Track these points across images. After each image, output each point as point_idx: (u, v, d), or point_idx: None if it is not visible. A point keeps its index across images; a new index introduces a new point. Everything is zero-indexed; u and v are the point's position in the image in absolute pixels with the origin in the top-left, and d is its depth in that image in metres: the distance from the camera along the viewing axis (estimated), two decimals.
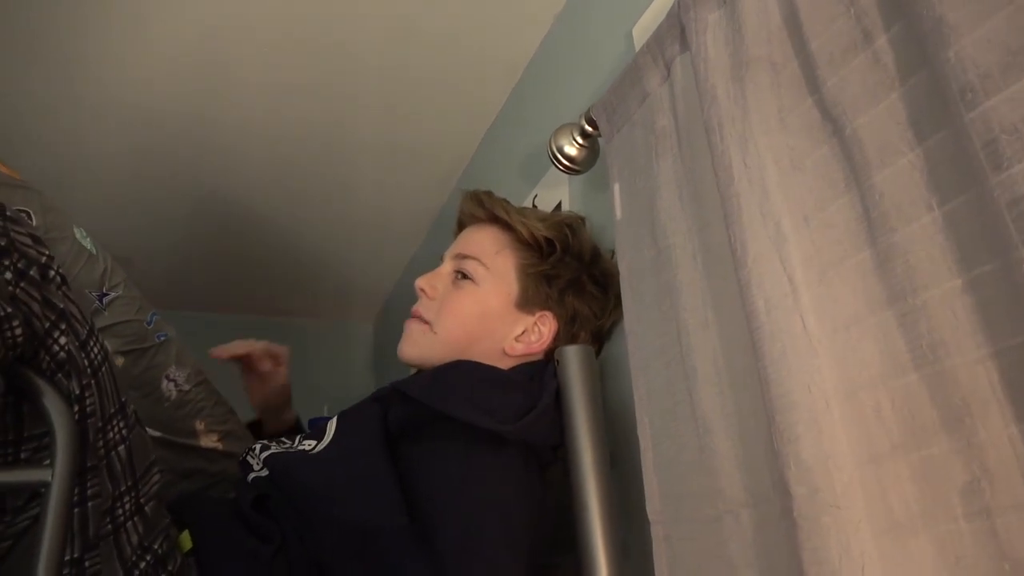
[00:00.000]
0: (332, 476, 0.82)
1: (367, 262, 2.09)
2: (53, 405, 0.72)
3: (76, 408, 0.72)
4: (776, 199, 0.61)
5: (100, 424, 0.79)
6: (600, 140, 0.96)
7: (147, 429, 1.06)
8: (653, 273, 0.79)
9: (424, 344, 0.97)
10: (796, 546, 0.54)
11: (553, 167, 1.21)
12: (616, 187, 0.87)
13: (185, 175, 1.60)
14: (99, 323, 1.03)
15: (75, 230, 1.02)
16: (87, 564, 0.80)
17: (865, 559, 0.51)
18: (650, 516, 0.76)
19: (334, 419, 0.97)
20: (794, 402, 0.55)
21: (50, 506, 0.68)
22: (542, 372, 0.92)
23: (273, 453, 0.93)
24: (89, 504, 0.76)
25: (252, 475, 0.93)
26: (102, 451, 0.79)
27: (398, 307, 2.29)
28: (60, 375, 0.76)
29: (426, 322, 0.97)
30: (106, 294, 1.05)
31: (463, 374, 0.88)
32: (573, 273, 0.96)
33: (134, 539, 0.79)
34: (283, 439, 0.98)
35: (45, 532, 0.67)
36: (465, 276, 0.98)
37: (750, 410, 0.65)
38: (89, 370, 0.78)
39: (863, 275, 0.56)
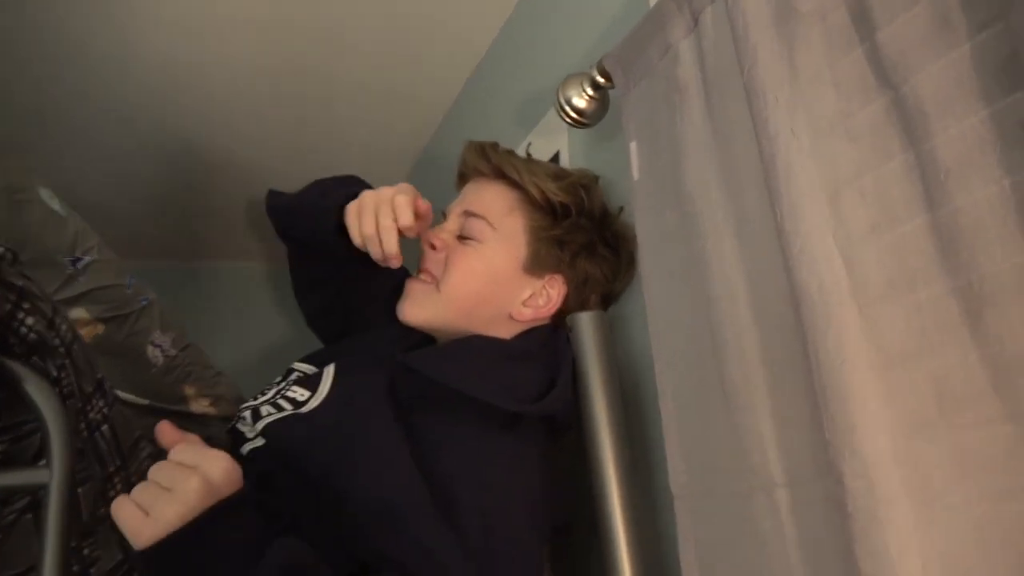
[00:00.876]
0: (345, 450, 0.79)
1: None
2: (39, 393, 0.67)
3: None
4: (829, 171, 0.57)
5: (80, 405, 0.74)
6: (612, 93, 0.90)
7: (135, 397, 1.02)
8: (677, 239, 0.75)
9: (428, 304, 0.93)
10: (849, 537, 0.52)
11: (554, 115, 1.16)
12: (633, 145, 0.83)
13: (161, 121, 1.50)
14: (75, 290, 0.97)
15: (40, 191, 0.94)
16: (85, 552, 0.77)
17: (924, 556, 0.49)
18: (674, 490, 0.74)
19: (330, 370, 0.93)
20: (851, 393, 0.53)
21: (51, 510, 0.64)
22: (554, 340, 0.89)
23: (270, 423, 0.89)
24: (79, 489, 0.72)
25: (248, 447, 0.89)
26: (85, 433, 0.74)
27: None
28: (35, 357, 0.70)
29: (430, 279, 0.93)
30: (80, 258, 0.98)
31: (478, 350, 0.85)
32: (585, 236, 0.92)
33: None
34: (274, 397, 0.93)
35: (48, 538, 0.63)
36: (471, 235, 0.93)
37: (786, 389, 0.63)
38: (62, 349, 0.73)
39: (921, 252, 0.53)
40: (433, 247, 0.94)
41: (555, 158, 1.17)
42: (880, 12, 0.56)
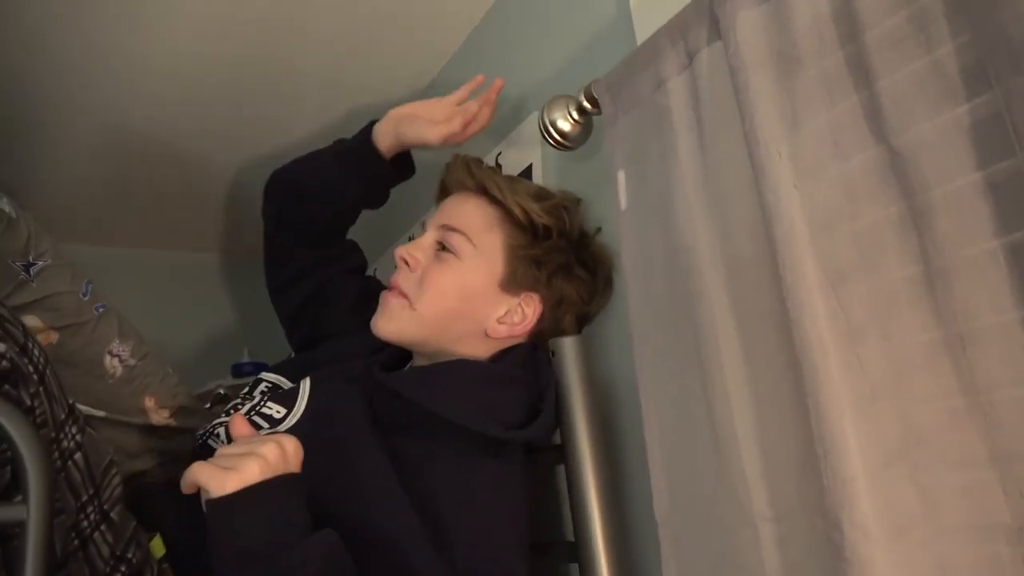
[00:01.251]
0: (329, 473, 0.78)
1: None
2: (13, 425, 0.63)
3: None
4: (833, 224, 0.59)
5: (53, 434, 0.71)
6: (596, 118, 0.91)
7: (91, 409, 0.97)
8: (667, 273, 0.77)
9: (403, 319, 0.92)
10: None
11: (528, 127, 1.16)
12: (621, 175, 0.83)
13: (111, 105, 1.42)
14: (27, 296, 0.92)
15: None
16: None
17: None
18: (658, 517, 0.76)
19: (305, 385, 0.91)
20: (850, 447, 0.55)
21: (29, 547, 0.61)
22: (534, 362, 0.90)
23: None
24: (53, 522, 0.69)
25: None
26: (59, 463, 0.71)
27: None
28: (7, 386, 0.67)
29: (404, 296, 0.92)
30: (33, 263, 0.93)
31: (461, 375, 0.84)
32: (563, 257, 0.92)
33: (104, 551, 0.73)
34: (248, 413, 0.91)
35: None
36: (448, 250, 0.92)
37: (777, 426, 0.66)
38: (35, 376, 0.70)
39: (921, 312, 0.56)
40: (407, 264, 0.93)
41: (527, 172, 1.17)
42: (878, 61, 0.58)
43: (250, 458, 0.65)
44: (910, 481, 0.55)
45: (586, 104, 0.88)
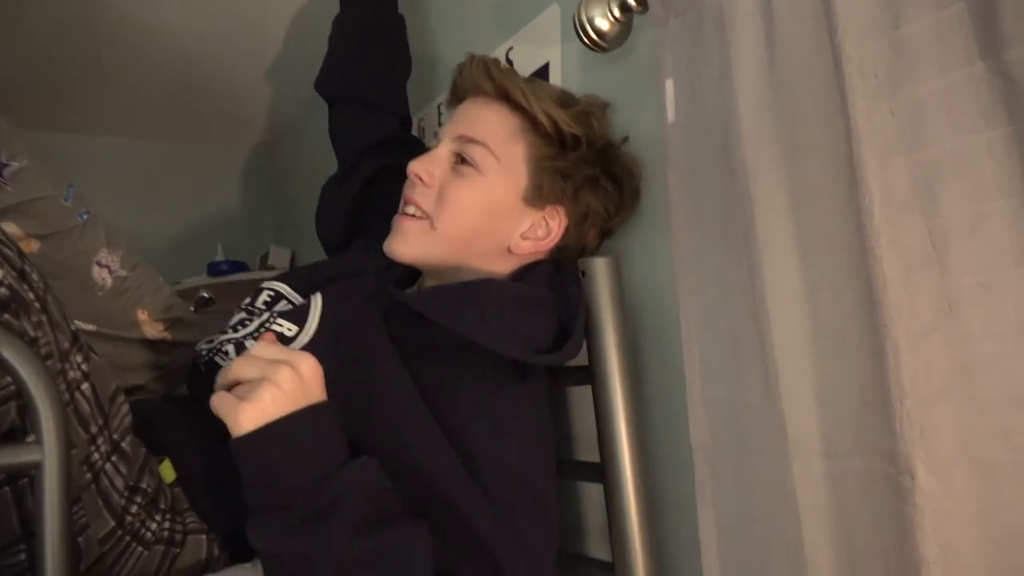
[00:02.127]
0: (353, 397, 0.74)
1: (261, 82, 1.82)
2: (20, 359, 0.57)
3: None
4: (930, 154, 0.55)
5: (59, 365, 0.65)
6: (639, 17, 0.83)
7: (81, 323, 0.91)
8: (721, 195, 0.72)
9: (423, 242, 0.85)
10: (909, 524, 0.55)
11: (544, 20, 1.07)
12: (669, 83, 0.77)
13: None
14: (2, 201, 0.83)
15: None
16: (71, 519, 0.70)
17: (982, 546, 0.53)
18: (694, 444, 0.75)
19: (316, 301, 0.86)
20: (932, 392, 0.53)
21: (47, 489, 0.56)
22: (561, 281, 0.86)
23: None
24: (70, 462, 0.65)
25: None
26: (66, 395, 0.66)
27: (296, 132, 2.05)
28: (7, 315, 0.60)
29: (424, 215, 0.85)
30: (6, 164, 0.84)
31: (490, 296, 0.80)
32: (590, 169, 0.86)
33: (118, 482, 0.69)
34: (257, 330, 0.86)
35: (46, 520, 0.56)
36: (468, 162, 0.85)
37: (838, 363, 0.63)
38: (37, 304, 0.63)
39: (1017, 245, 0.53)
40: (423, 182, 0.86)
41: (542, 71, 1.09)
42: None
43: (262, 387, 0.60)
44: (990, 427, 0.54)
45: (632, 2, 0.80)
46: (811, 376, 0.65)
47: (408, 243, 0.86)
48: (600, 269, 0.83)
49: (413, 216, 0.86)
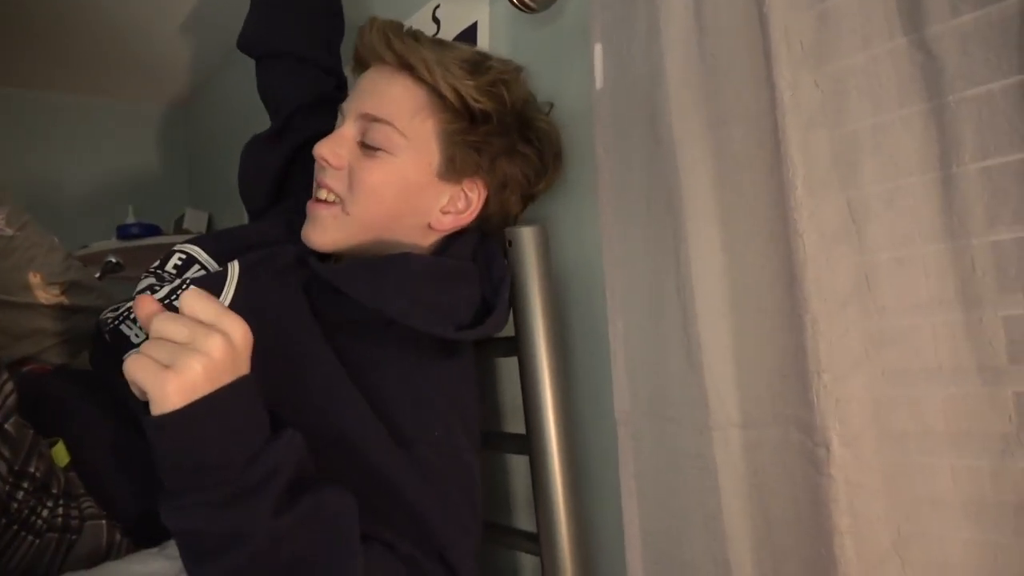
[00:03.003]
0: (271, 373, 0.70)
1: (178, 35, 1.71)
2: None
3: None
4: (851, 128, 0.55)
5: None
6: None
7: None
8: (647, 163, 0.71)
9: (338, 229, 0.81)
10: (824, 496, 0.56)
11: None
12: (598, 48, 0.75)
13: None
14: None
15: None
16: None
17: (895, 516, 0.54)
18: (617, 415, 0.75)
19: (234, 269, 0.81)
20: (847, 365, 0.54)
21: None
22: (485, 252, 0.83)
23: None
24: None
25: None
26: None
27: (215, 88, 1.95)
28: None
29: (335, 200, 0.81)
30: None
31: (406, 270, 0.77)
32: (505, 140, 0.83)
33: (2, 467, 0.64)
34: (168, 296, 0.81)
35: None
36: (376, 148, 0.80)
37: (757, 335, 0.64)
38: None
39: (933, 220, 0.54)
40: (331, 164, 0.81)
41: (470, 31, 1.05)
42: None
43: (192, 356, 0.54)
44: (899, 398, 0.55)
45: None
46: (731, 347, 0.66)
47: (324, 231, 0.81)
48: (527, 238, 0.81)
49: (326, 202, 0.82)
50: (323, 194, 0.82)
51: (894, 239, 0.57)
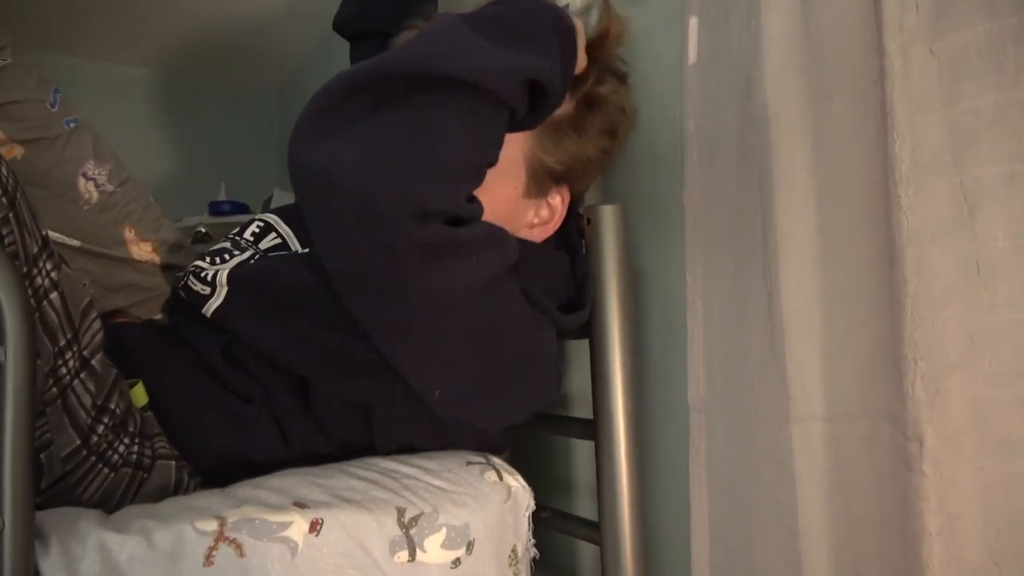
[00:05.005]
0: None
1: (278, 20, 1.77)
2: None
3: None
4: (969, 105, 0.51)
5: (25, 269, 0.62)
6: None
7: (64, 237, 0.88)
8: (737, 140, 0.68)
9: None
10: (914, 495, 0.52)
11: None
12: (693, 21, 0.72)
13: None
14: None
15: None
16: (35, 435, 0.67)
17: (990, 517, 0.49)
18: (691, 403, 0.72)
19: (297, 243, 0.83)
20: (949, 358, 0.50)
21: (9, 391, 0.53)
22: (565, 243, 0.82)
23: (239, 264, 0.78)
24: (35, 364, 0.62)
25: (212, 305, 0.78)
26: (32, 301, 0.62)
27: (309, 76, 2.01)
28: None
29: None
30: (70, 122, 0.82)
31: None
32: (581, 121, 0.79)
33: (86, 400, 0.66)
34: (230, 248, 0.82)
35: (7, 429, 0.53)
36: None
37: (849, 323, 0.60)
38: (4, 199, 0.60)
39: None
40: None
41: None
42: None
43: None
44: (1007, 400, 0.51)
45: None
46: (819, 335, 0.62)
47: None
48: (607, 217, 0.79)
49: None
50: None
51: (1011, 227, 0.52)
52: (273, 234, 0.89)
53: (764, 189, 0.65)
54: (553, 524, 0.86)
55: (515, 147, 0.76)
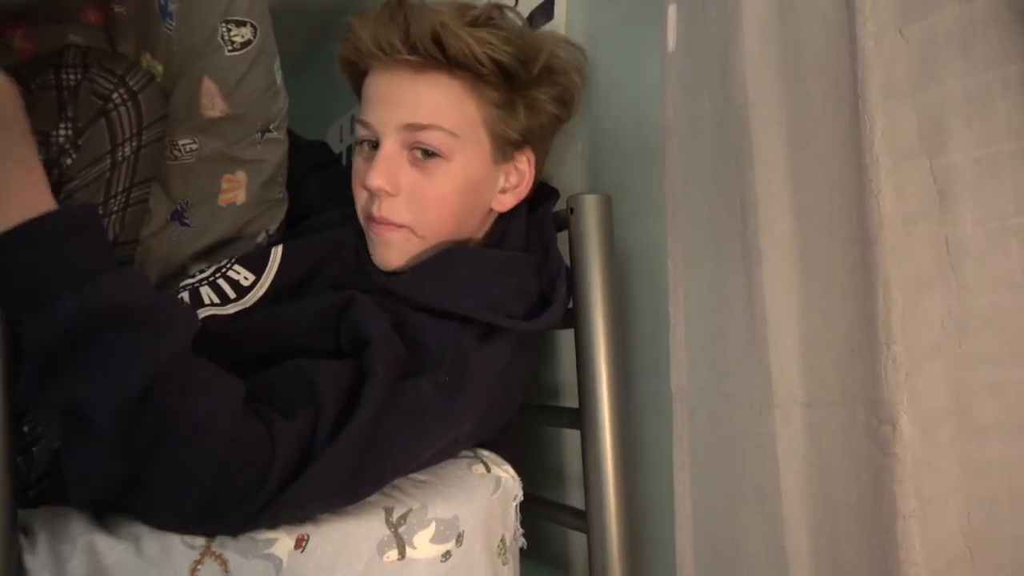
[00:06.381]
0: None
1: None
2: None
3: None
4: (941, 89, 0.51)
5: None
6: None
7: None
8: (717, 128, 0.68)
9: (412, 249, 0.79)
10: (887, 474, 0.52)
11: None
12: (672, 9, 0.72)
13: None
14: (247, 154, 0.87)
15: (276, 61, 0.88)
16: (25, 429, 0.68)
17: (967, 500, 0.50)
18: (673, 390, 0.72)
19: (277, 252, 0.82)
20: (924, 343, 0.50)
21: None
22: (538, 235, 0.82)
23: (207, 317, 0.76)
24: None
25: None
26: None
27: None
28: None
29: (403, 225, 0.78)
30: (268, 131, 0.88)
31: (455, 268, 0.76)
32: (534, 82, 0.80)
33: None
34: (214, 275, 0.81)
35: None
36: (430, 154, 0.76)
37: (826, 306, 0.60)
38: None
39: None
40: (388, 193, 0.76)
41: (547, 5, 1.04)
42: None
43: None
44: (982, 384, 0.51)
45: None
46: (798, 319, 0.62)
47: (400, 254, 0.79)
48: (590, 207, 0.79)
49: (392, 223, 0.78)
50: (383, 225, 0.78)
51: (984, 212, 0.52)
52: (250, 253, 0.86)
53: (742, 174, 0.65)
54: (541, 513, 0.86)
55: (473, 114, 0.78)
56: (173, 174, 0.85)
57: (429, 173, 0.77)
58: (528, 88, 0.79)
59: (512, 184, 0.83)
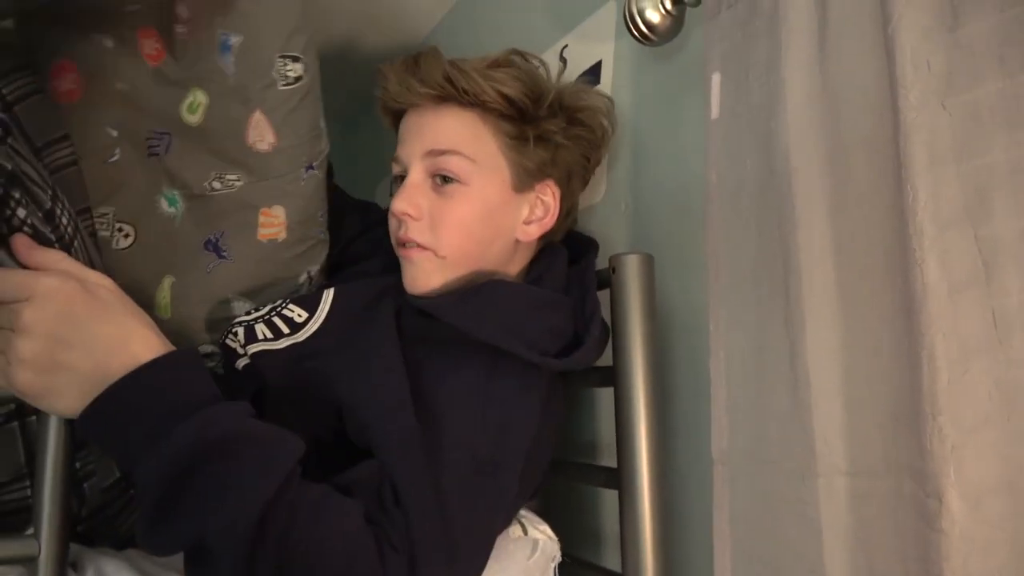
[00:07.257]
0: (342, 379, 0.74)
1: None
2: None
3: None
4: (984, 159, 0.51)
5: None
6: (691, 11, 0.81)
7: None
8: (760, 195, 0.69)
9: (436, 272, 0.82)
10: (935, 552, 0.50)
11: (600, 18, 1.06)
12: (716, 78, 0.74)
13: None
14: (291, 189, 0.87)
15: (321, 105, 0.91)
16: (77, 465, 0.71)
17: None
18: (714, 455, 0.72)
19: (329, 293, 0.85)
20: (971, 415, 0.49)
21: (50, 427, 0.57)
22: (578, 281, 0.84)
23: (260, 352, 0.80)
24: None
25: (241, 363, 0.81)
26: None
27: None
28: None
29: (425, 247, 0.82)
30: (311, 167, 0.90)
31: (496, 298, 0.78)
32: (558, 122, 0.85)
33: None
34: (269, 313, 0.84)
35: (49, 450, 0.57)
36: (449, 179, 0.82)
37: (870, 375, 0.59)
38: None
39: None
40: (412, 217, 0.82)
41: (594, 69, 1.07)
42: None
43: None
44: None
45: None
46: (841, 387, 0.61)
47: (427, 276, 0.82)
48: (632, 266, 0.80)
49: (418, 246, 0.82)
50: (409, 248, 0.83)
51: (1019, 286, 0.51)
52: (303, 294, 0.90)
53: (785, 240, 0.65)
54: (577, 574, 0.85)
55: (489, 142, 0.83)
56: (210, 205, 0.86)
57: (449, 196, 0.82)
58: (539, 121, 0.84)
59: (538, 216, 0.86)
